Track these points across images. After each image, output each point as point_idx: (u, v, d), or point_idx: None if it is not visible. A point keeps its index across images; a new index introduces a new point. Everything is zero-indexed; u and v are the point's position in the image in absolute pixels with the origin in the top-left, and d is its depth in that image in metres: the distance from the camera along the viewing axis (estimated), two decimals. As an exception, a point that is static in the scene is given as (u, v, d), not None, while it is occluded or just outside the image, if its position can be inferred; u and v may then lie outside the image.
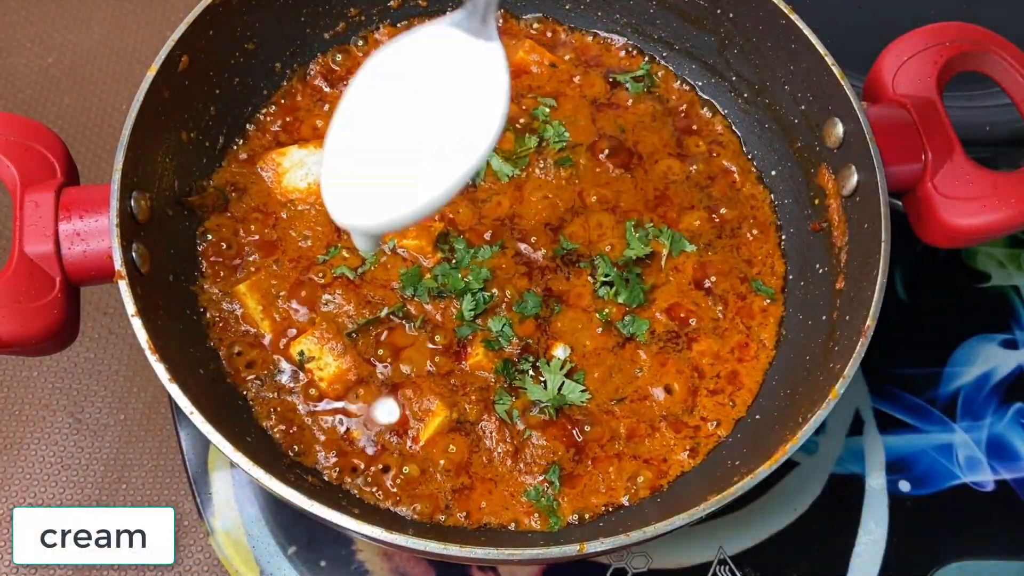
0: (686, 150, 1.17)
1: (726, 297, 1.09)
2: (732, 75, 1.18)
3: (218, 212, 1.08)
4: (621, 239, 1.09)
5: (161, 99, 1.00)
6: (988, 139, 1.27)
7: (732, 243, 1.12)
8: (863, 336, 0.91)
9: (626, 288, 1.06)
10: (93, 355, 1.39)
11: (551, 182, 1.12)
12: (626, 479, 0.99)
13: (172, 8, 1.67)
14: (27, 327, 0.89)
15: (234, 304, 1.04)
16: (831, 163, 1.06)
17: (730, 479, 0.88)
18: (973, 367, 1.21)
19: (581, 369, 1.03)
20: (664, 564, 1.09)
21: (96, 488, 1.31)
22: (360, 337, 1.02)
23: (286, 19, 1.14)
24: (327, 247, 1.06)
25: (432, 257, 1.06)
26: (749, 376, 1.05)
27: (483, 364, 1.02)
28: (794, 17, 1.06)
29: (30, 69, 1.60)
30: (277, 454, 0.98)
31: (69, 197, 0.94)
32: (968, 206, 1.01)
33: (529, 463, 0.99)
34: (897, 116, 1.03)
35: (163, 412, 1.36)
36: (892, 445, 1.16)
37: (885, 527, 1.11)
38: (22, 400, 1.36)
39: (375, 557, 1.07)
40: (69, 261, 0.92)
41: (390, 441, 0.99)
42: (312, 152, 1.11)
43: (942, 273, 1.27)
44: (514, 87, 1.18)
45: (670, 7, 1.18)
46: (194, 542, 1.28)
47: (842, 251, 1.03)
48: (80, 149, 1.53)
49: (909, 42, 1.06)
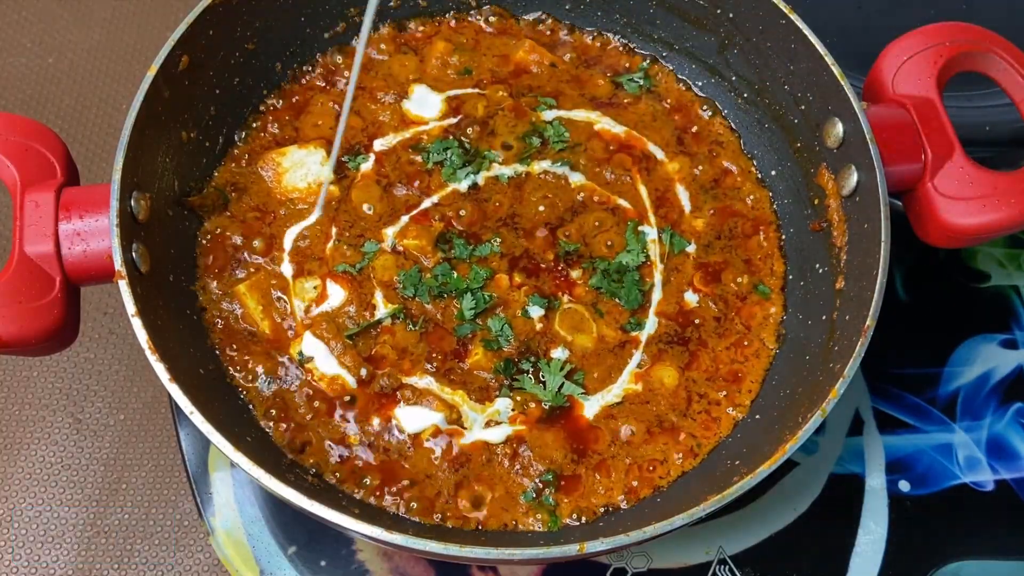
0: (686, 150, 1.17)
1: (726, 297, 1.09)
2: (732, 75, 1.18)
3: (218, 212, 1.08)
4: (621, 237, 1.09)
5: (161, 99, 1.00)
6: (988, 139, 1.27)
7: (732, 243, 1.12)
8: (863, 336, 0.91)
9: (625, 289, 1.06)
10: (93, 355, 1.39)
11: (551, 182, 1.12)
12: (626, 479, 0.99)
13: (172, 8, 1.67)
14: (27, 327, 0.89)
15: (234, 304, 1.04)
16: (831, 163, 1.06)
17: (730, 479, 0.88)
18: (973, 367, 1.21)
19: (581, 369, 1.03)
20: (664, 564, 1.09)
21: (96, 488, 1.31)
22: (360, 337, 1.02)
23: (286, 19, 1.14)
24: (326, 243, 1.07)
25: (432, 257, 1.06)
26: (749, 376, 1.05)
27: (482, 364, 1.02)
28: (794, 17, 1.06)
29: (30, 69, 1.60)
30: (277, 454, 0.98)
31: (69, 197, 0.94)
32: (968, 206, 1.01)
33: (528, 464, 0.99)
34: (897, 116, 1.03)
35: (163, 412, 1.36)
36: (892, 445, 1.16)
37: (885, 527, 1.11)
38: (22, 400, 1.36)
39: (375, 557, 1.07)
40: (69, 261, 0.92)
41: (390, 441, 0.99)
42: (312, 152, 1.11)
43: (942, 273, 1.27)
44: (514, 87, 1.18)
45: (670, 7, 1.18)
46: (194, 542, 1.28)
47: (842, 251, 1.03)
48: (80, 149, 1.53)
49: (909, 42, 1.06)
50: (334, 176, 1.10)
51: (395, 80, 1.18)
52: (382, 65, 1.19)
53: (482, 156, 1.12)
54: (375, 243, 1.07)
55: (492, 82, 1.18)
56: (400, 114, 1.16)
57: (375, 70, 1.19)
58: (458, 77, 1.19)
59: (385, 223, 1.09)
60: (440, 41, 1.20)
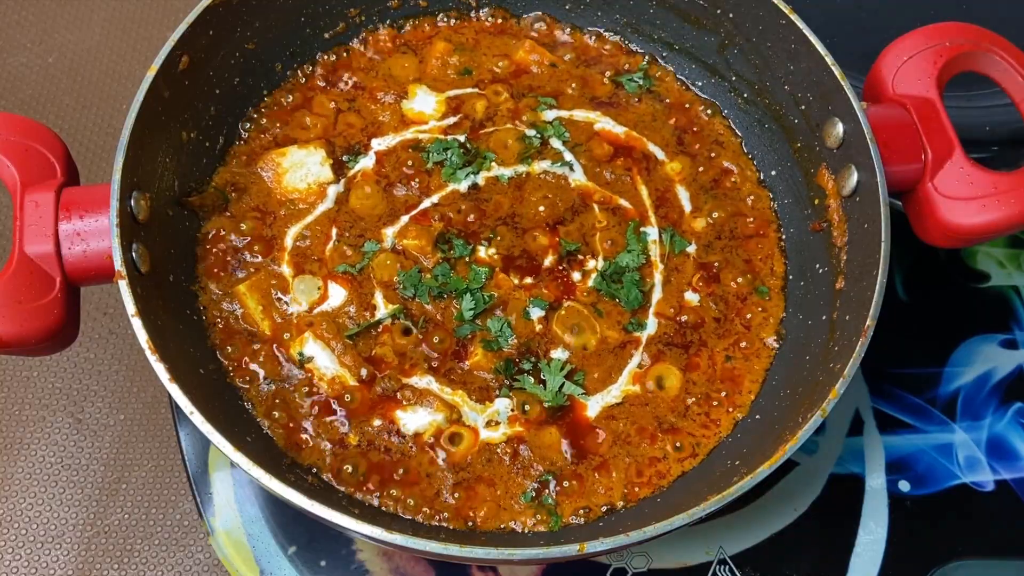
0: (686, 150, 1.17)
1: (726, 297, 1.09)
2: (732, 75, 1.18)
3: (218, 212, 1.08)
4: (621, 237, 1.09)
5: (161, 99, 1.00)
6: (988, 139, 1.27)
7: (732, 243, 1.12)
8: (863, 336, 0.91)
9: (625, 290, 1.06)
10: (93, 355, 1.39)
11: (551, 182, 1.12)
12: (626, 479, 0.99)
13: (172, 8, 1.67)
14: (27, 327, 0.89)
15: (234, 304, 1.04)
16: (831, 163, 1.06)
17: (730, 479, 0.88)
18: (973, 367, 1.21)
19: (581, 370, 1.03)
20: (664, 564, 1.09)
21: (96, 488, 1.31)
22: (360, 338, 1.02)
23: (286, 19, 1.14)
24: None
25: (432, 257, 1.06)
26: (749, 376, 1.05)
27: (482, 364, 1.02)
28: (794, 17, 1.06)
29: (30, 69, 1.60)
30: (277, 454, 0.98)
31: (69, 197, 0.94)
32: (968, 206, 1.01)
33: (528, 464, 0.99)
34: (897, 116, 1.03)
35: (163, 412, 1.36)
36: (892, 445, 1.16)
37: (885, 527, 1.11)
38: (22, 400, 1.36)
39: (375, 557, 1.07)
40: (69, 261, 0.92)
41: (390, 441, 0.99)
42: (312, 152, 1.11)
43: (942, 273, 1.27)
44: (514, 87, 1.18)
45: (670, 7, 1.18)
46: (194, 542, 1.28)
47: (842, 251, 1.03)
48: (80, 149, 1.53)
49: (909, 42, 1.06)
50: (334, 176, 1.10)
51: (395, 80, 1.18)
52: (382, 65, 1.19)
53: (482, 156, 1.12)
54: (375, 243, 1.07)
55: (492, 82, 1.18)
56: (400, 114, 1.16)
57: (375, 70, 1.19)
58: (458, 77, 1.19)
59: (385, 223, 1.09)
60: (440, 41, 1.20)
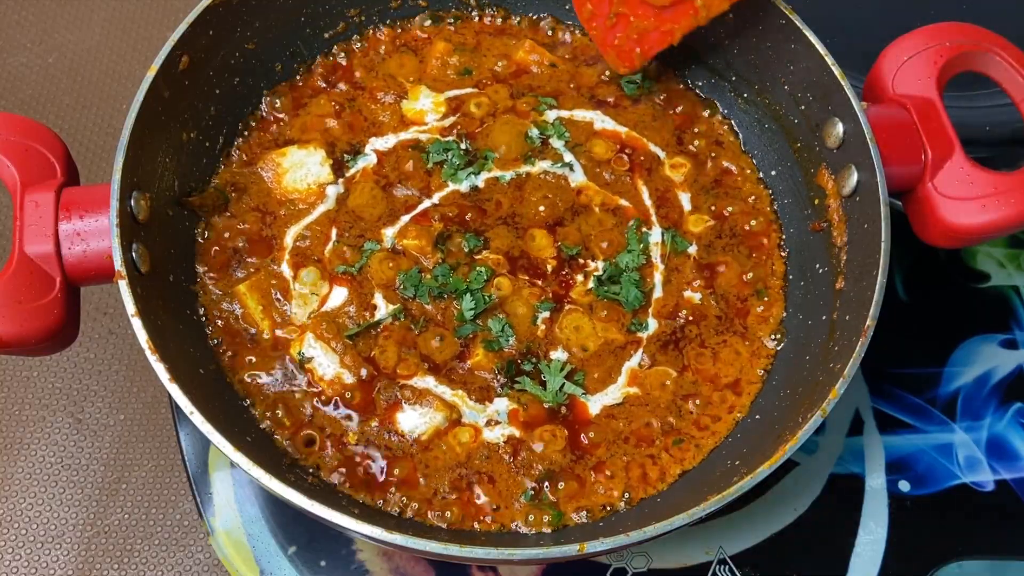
0: (686, 150, 1.17)
1: (726, 297, 1.09)
2: (732, 75, 1.18)
3: (218, 212, 1.08)
4: (621, 237, 1.09)
5: (161, 99, 1.00)
6: (988, 139, 1.27)
7: (732, 243, 1.12)
8: (863, 336, 0.91)
9: (625, 290, 1.06)
10: (93, 355, 1.39)
11: (551, 182, 1.12)
12: (625, 479, 0.99)
13: (172, 8, 1.67)
14: (27, 327, 0.89)
15: (234, 304, 1.04)
16: (831, 163, 1.06)
17: (730, 479, 0.88)
18: (973, 367, 1.21)
19: (581, 370, 1.03)
20: (664, 564, 1.09)
21: (96, 488, 1.31)
22: (360, 338, 1.02)
23: (286, 19, 1.14)
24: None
25: (432, 257, 1.06)
26: (749, 376, 1.05)
27: (483, 364, 1.02)
28: (794, 17, 1.06)
29: (30, 69, 1.60)
30: (277, 454, 0.98)
31: (69, 197, 0.94)
32: (968, 206, 1.01)
33: (528, 464, 0.99)
34: (897, 116, 1.03)
35: (163, 412, 1.36)
36: (892, 445, 1.16)
37: (885, 527, 1.11)
38: (22, 400, 1.36)
39: (375, 557, 1.07)
40: (69, 261, 0.92)
41: (390, 441, 0.99)
42: (312, 152, 1.11)
43: (942, 273, 1.27)
44: (514, 87, 1.18)
45: (670, 7, 1.18)
46: (194, 542, 1.28)
47: (842, 251, 1.03)
48: (80, 149, 1.53)
49: (909, 42, 1.06)
50: (334, 176, 1.10)
51: (395, 80, 1.18)
52: (382, 65, 1.19)
53: (482, 156, 1.12)
54: (375, 243, 1.07)
55: (492, 82, 1.18)
56: (400, 114, 1.16)
57: (375, 70, 1.19)
58: (458, 77, 1.19)
59: (385, 223, 1.09)
60: (440, 41, 1.20)
